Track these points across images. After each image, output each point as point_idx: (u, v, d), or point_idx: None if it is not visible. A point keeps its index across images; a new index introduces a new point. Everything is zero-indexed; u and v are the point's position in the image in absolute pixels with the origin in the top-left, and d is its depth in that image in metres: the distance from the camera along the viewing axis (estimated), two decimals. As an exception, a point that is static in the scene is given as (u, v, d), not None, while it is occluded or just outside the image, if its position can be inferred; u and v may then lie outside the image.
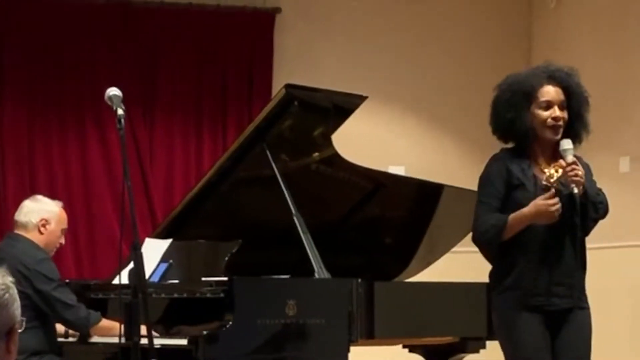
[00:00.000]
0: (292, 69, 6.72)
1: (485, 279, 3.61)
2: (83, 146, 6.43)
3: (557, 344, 3.39)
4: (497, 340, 3.51)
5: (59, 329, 4.21)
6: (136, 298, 3.14)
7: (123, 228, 3.45)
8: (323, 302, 3.96)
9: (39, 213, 4.22)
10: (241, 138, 4.30)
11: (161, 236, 4.37)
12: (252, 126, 4.26)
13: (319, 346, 3.91)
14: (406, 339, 4.47)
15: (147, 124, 6.57)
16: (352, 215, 4.60)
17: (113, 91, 3.32)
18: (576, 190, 3.29)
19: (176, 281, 4.11)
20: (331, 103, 4.31)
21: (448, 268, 4.96)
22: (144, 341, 3.15)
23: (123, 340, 3.36)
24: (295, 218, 4.13)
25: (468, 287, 4.34)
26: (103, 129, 6.41)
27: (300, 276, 4.05)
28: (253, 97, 6.70)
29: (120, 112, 3.26)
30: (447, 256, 4.86)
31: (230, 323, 3.70)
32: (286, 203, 4.14)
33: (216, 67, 6.69)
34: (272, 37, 6.78)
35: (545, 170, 3.39)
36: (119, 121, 3.25)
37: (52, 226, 4.25)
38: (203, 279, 3.91)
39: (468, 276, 4.33)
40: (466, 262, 5.00)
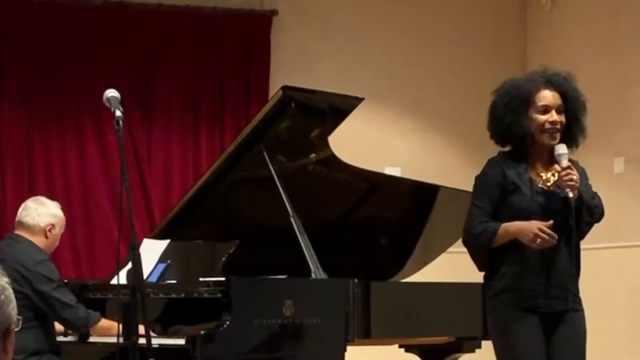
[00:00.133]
0: (289, 71, 6.72)
1: (480, 280, 3.62)
2: (81, 147, 6.43)
3: (552, 346, 3.40)
4: (491, 341, 3.52)
5: (58, 328, 4.23)
6: (134, 298, 3.15)
7: (121, 228, 3.45)
8: (320, 302, 3.97)
9: (47, 217, 4.25)
10: (238, 139, 4.31)
11: (159, 236, 4.39)
12: (250, 127, 4.27)
13: (316, 346, 3.91)
14: (402, 339, 4.48)
15: (145, 125, 6.57)
16: (349, 215, 4.60)
17: (111, 93, 3.33)
18: (571, 194, 3.30)
19: (174, 281, 4.12)
20: (328, 105, 4.31)
21: (444, 268, 4.97)
22: (142, 341, 3.16)
23: (121, 339, 3.36)
24: (292, 219, 4.13)
25: (464, 287, 4.35)
26: (101, 130, 6.41)
27: (297, 276, 4.05)
28: (250, 99, 6.71)
29: (118, 114, 3.28)
30: (443, 256, 4.86)
31: (227, 323, 3.70)
32: (283, 204, 4.15)
33: (214, 69, 6.70)
34: (269, 39, 6.79)
35: (541, 174, 3.42)
36: (117, 123, 3.26)
37: (57, 230, 4.30)
38: (201, 279, 3.92)
39: (464, 276, 4.31)
40: (462, 263, 4.97)
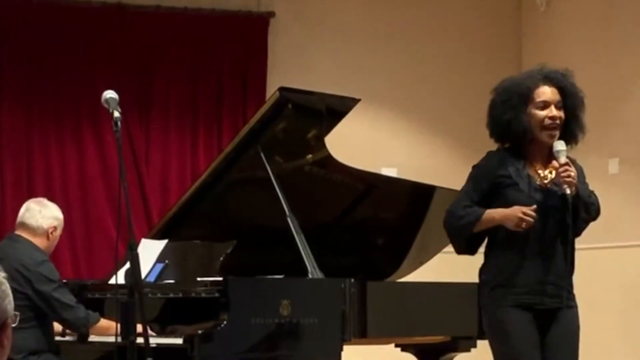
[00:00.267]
0: (286, 72, 6.74)
1: (475, 280, 3.61)
2: (80, 148, 6.44)
3: (546, 343, 3.42)
4: (486, 337, 3.53)
5: (56, 328, 4.25)
6: (132, 298, 3.16)
7: (119, 229, 3.47)
8: (316, 302, 3.97)
9: (50, 220, 4.29)
10: (236, 140, 4.32)
11: (157, 237, 4.40)
12: (247, 128, 4.28)
13: (313, 345, 3.92)
14: (398, 338, 4.48)
15: (143, 126, 6.58)
16: (345, 216, 4.61)
17: (109, 94, 3.34)
18: (568, 190, 3.31)
19: (172, 281, 4.13)
20: (324, 106, 4.31)
21: (440, 268, 4.97)
22: (140, 340, 3.17)
23: (120, 339, 3.36)
24: (289, 219, 4.13)
25: (459, 287, 4.35)
26: (100, 131, 6.42)
27: (294, 276, 4.06)
28: (247, 100, 6.72)
29: (116, 115, 3.29)
30: (439, 256, 4.85)
31: (225, 322, 3.71)
32: (280, 204, 4.15)
33: (211, 70, 6.71)
34: (267, 41, 6.81)
35: (540, 171, 3.43)
36: (116, 124, 3.27)
37: (57, 232, 4.34)
38: (198, 279, 3.93)
39: (459, 276, 4.33)
40: (457, 263, 4.99)
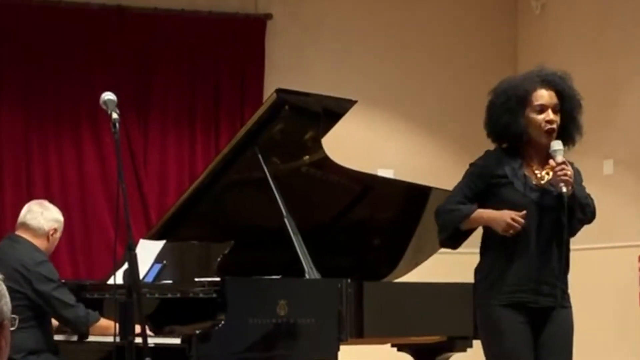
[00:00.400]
0: (283, 74, 6.74)
1: (471, 280, 3.61)
2: (79, 149, 6.44)
3: (540, 342, 3.42)
4: (480, 335, 3.53)
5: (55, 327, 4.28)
6: (131, 298, 3.17)
7: (118, 229, 3.49)
8: (313, 302, 3.98)
9: (51, 222, 4.32)
10: (233, 141, 4.33)
11: (155, 237, 4.41)
12: (244, 130, 4.29)
13: (310, 345, 3.93)
14: (395, 338, 4.49)
15: (142, 128, 6.59)
16: (342, 216, 4.62)
17: (108, 95, 3.36)
18: (564, 189, 3.32)
19: (170, 281, 4.14)
20: (321, 107, 4.32)
21: (436, 268, 4.99)
22: (139, 340, 3.19)
23: (118, 339, 3.39)
24: (286, 219, 4.14)
25: (455, 288, 4.35)
26: (98, 132, 6.42)
27: (291, 276, 4.07)
28: (245, 101, 6.73)
29: (114, 116, 3.30)
30: (435, 257, 4.84)
31: (222, 322, 3.72)
32: (277, 205, 4.16)
33: (209, 72, 6.71)
34: (264, 43, 6.82)
35: (536, 171, 3.44)
36: (114, 125, 3.29)
37: (58, 234, 4.37)
38: (196, 279, 3.95)
39: (455, 276, 4.35)
40: (453, 263, 5.02)
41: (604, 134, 6.39)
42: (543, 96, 3.42)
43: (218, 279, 3.85)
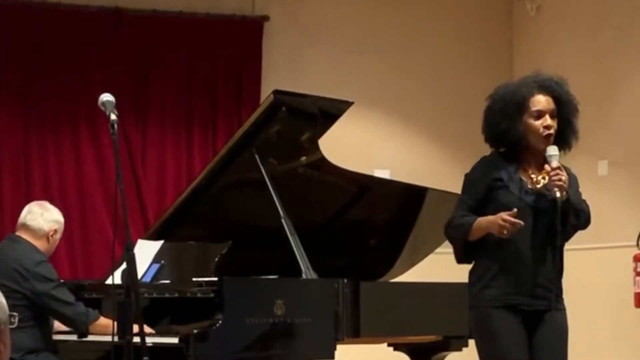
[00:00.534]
0: (281, 75, 6.77)
1: (467, 280, 3.61)
2: (77, 150, 6.47)
3: (534, 345, 3.42)
4: (474, 337, 3.53)
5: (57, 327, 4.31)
6: (129, 298, 3.18)
7: (116, 230, 3.49)
8: (310, 302, 4.00)
9: (51, 223, 4.34)
10: (231, 142, 4.35)
11: (153, 238, 4.43)
12: (242, 131, 4.31)
13: (306, 344, 3.94)
14: (391, 338, 4.51)
15: (140, 129, 6.61)
16: (339, 217, 4.64)
17: (106, 97, 3.36)
18: (558, 194, 3.33)
19: (167, 281, 4.15)
20: (318, 108, 4.34)
21: (432, 268, 5.00)
22: (137, 339, 3.19)
23: (116, 338, 3.40)
24: (283, 220, 4.16)
25: (451, 287, 4.35)
26: (96, 133, 6.45)
27: (288, 276, 4.08)
28: (242, 103, 6.76)
29: (113, 118, 3.31)
30: (431, 257, 4.90)
31: (220, 322, 3.73)
32: (274, 205, 4.18)
33: (206, 73, 6.74)
34: (261, 44, 6.85)
35: (532, 175, 3.45)
36: (112, 126, 3.29)
37: (57, 236, 4.39)
38: (194, 279, 3.96)
39: (451, 276, 4.30)
40: (449, 263, 5.01)
41: (599, 135, 6.41)
42: (540, 102, 3.44)
43: (215, 279, 3.86)
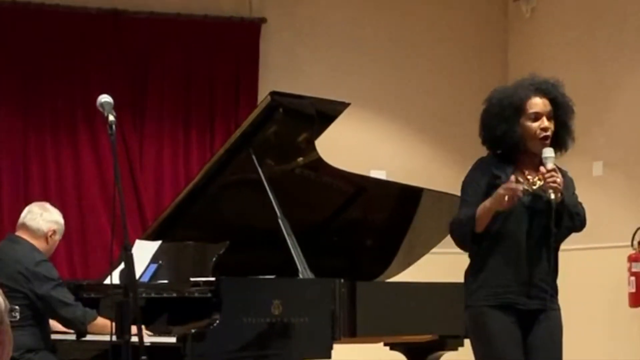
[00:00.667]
0: (277, 77, 6.80)
1: (462, 280, 3.60)
2: (75, 150, 6.49)
3: (529, 345, 3.43)
4: (469, 336, 3.54)
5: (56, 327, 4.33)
6: (127, 297, 3.20)
7: (114, 230, 3.53)
8: (307, 302, 4.01)
9: (50, 223, 4.36)
10: (228, 143, 4.36)
11: (151, 238, 4.45)
12: (239, 132, 4.32)
13: (303, 344, 3.96)
14: (387, 337, 4.52)
15: (138, 130, 6.63)
16: (335, 217, 4.65)
17: (104, 98, 3.38)
18: (553, 195, 3.34)
19: (165, 281, 4.17)
20: (315, 110, 4.35)
21: (427, 268, 5.01)
22: (135, 339, 3.22)
23: (114, 338, 3.41)
24: (280, 220, 4.17)
25: (447, 287, 4.37)
26: (95, 134, 6.47)
27: (285, 276, 4.09)
28: (240, 104, 6.78)
29: (111, 119, 3.32)
30: (427, 257, 4.91)
31: (217, 322, 3.75)
32: (272, 206, 4.19)
33: (204, 74, 6.77)
34: (258, 46, 6.87)
35: (529, 177, 3.46)
36: (110, 127, 3.31)
37: (57, 237, 4.41)
38: (191, 279, 3.96)
39: (447, 276, 4.36)
40: (445, 263, 5.08)
41: (594, 136, 6.44)
42: (537, 104, 3.45)
43: (213, 279, 3.88)
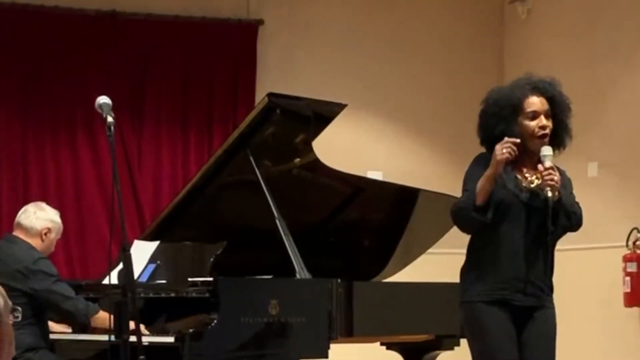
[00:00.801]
0: (275, 78, 6.83)
1: (458, 280, 3.63)
2: (74, 151, 6.51)
3: (523, 342, 3.45)
4: (464, 331, 3.54)
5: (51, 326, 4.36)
6: (125, 297, 3.20)
7: (113, 230, 3.51)
8: (304, 302, 4.03)
9: (44, 221, 4.37)
10: (226, 144, 4.38)
11: (149, 238, 4.46)
12: (237, 133, 4.33)
13: (300, 343, 3.97)
14: (384, 337, 4.54)
15: (136, 131, 6.66)
16: (332, 218, 4.67)
17: (103, 99, 3.38)
18: (550, 193, 3.36)
19: (163, 281, 4.19)
20: (312, 111, 4.36)
21: (424, 269, 5.03)
22: (133, 339, 3.22)
23: (113, 337, 3.42)
24: (277, 221, 4.19)
25: (443, 287, 4.38)
26: (93, 136, 6.50)
27: (282, 276, 4.11)
28: (237, 105, 6.81)
29: (109, 120, 3.32)
30: (423, 257, 4.93)
31: (215, 321, 3.76)
32: (269, 207, 4.21)
33: (202, 76, 6.79)
34: (256, 48, 6.90)
35: (527, 175, 3.48)
36: (109, 128, 3.31)
37: (52, 236, 4.41)
38: (189, 279, 3.98)
39: (443, 276, 4.39)
40: (441, 263, 5.12)
41: (589, 137, 6.44)
42: (535, 103, 3.47)
43: (211, 279, 3.89)
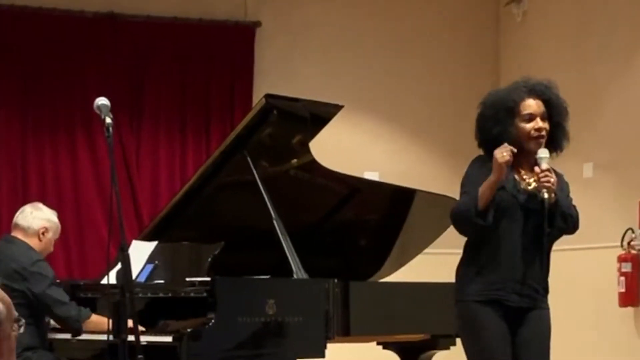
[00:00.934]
0: (272, 80, 6.83)
1: (454, 280, 3.64)
2: (73, 152, 6.52)
3: (517, 342, 3.46)
4: (459, 330, 3.57)
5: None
6: (123, 297, 3.23)
7: (111, 230, 3.52)
8: (301, 301, 4.04)
9: (41, 221, 4.39)
10: (223, 145, 4.39)
11: (147, 238, 4.47)
12: (234, 134, 4.35)
13: (297, 343, 3.99)
14: (380, 336, 4.56)
15: (134, 132, 6.67)
16: (329, 218, 4.68)
17: (102, 101, 3.40)
18: (546, 195, 3.39)
19: (161, 281, 4.20)
20: (309, 112, 4.37)
21: (420, 269, 5.04)
22: (131, 338, 3.24)
23: (111, 337, 3.43)
24: (274, 221, 4.20)
25: (439, 287, 4.39)
26: (92, 137, 6.50)
27: (279, 277, 4.13)
28: (235, 106, 6.82)
29: (108, 121, 3.34)
30: (419, 257, 4.94)
31: (212, 321, 3.78)
32: (266, 207, 4.22)
33: (199, 78, 6.80)
34: (253, 49, 6.91)
35: (524, 177, 3.50)
36: (107, 129, 3.33)
37: (50, 235, 4.43)
38: (187, 279, 4.00)
39: (439, 276, 4.39)
40: (437, 263, 5.13)
41: (584, 138, 6.43)
42: (531, 105, 3.49)
43: (208, 279, 3.91)
